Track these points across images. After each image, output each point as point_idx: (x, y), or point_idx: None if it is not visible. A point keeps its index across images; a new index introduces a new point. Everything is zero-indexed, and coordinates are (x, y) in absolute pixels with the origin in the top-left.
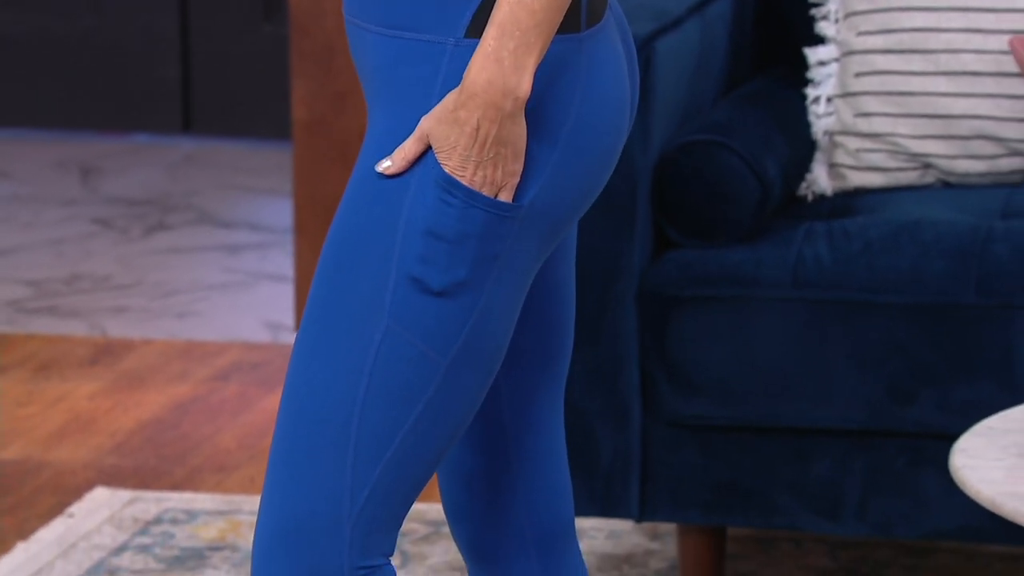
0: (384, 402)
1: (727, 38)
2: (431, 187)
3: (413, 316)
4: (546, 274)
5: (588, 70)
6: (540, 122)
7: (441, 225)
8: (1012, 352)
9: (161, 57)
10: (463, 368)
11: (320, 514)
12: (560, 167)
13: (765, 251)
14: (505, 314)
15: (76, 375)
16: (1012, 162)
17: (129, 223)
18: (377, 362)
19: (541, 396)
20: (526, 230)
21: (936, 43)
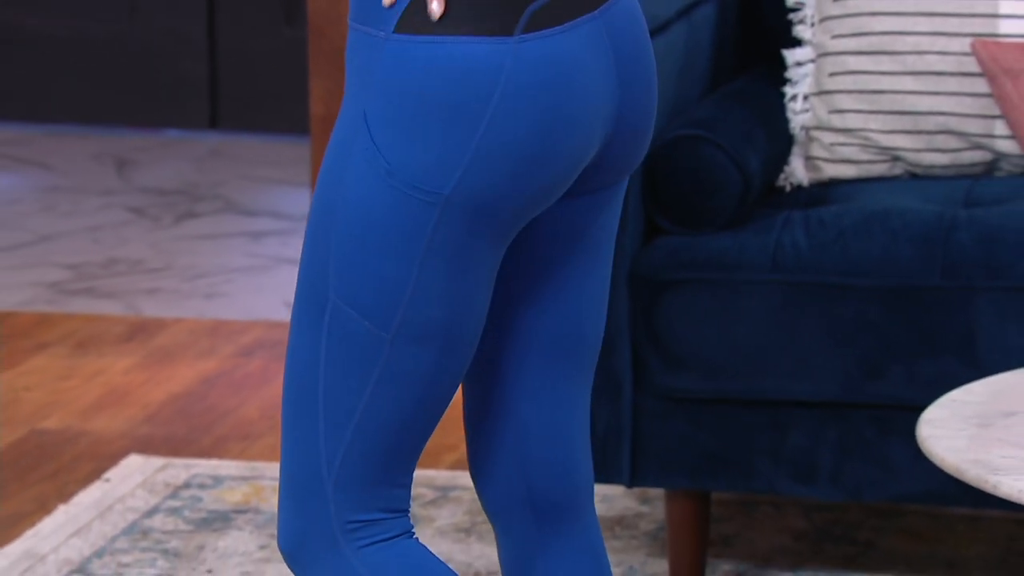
0: (340, 372)
1: (711, 40)
2: (361, 171)
3: (351, 292)
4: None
5: (514, 70)
6: (454, 113)
7: (367, 208)
8: (974, 331)
9: (190, 58)
10: (410, 343)
11: (306, 472)
12: (480, 157)
13: (747, 238)
14: (448, 295)
15: (112, 351)
16: (974, 155)
17: (161, 211)
18: (329, 335)
19: (554, 381)
20: (451, 217)
21: (904, 45)
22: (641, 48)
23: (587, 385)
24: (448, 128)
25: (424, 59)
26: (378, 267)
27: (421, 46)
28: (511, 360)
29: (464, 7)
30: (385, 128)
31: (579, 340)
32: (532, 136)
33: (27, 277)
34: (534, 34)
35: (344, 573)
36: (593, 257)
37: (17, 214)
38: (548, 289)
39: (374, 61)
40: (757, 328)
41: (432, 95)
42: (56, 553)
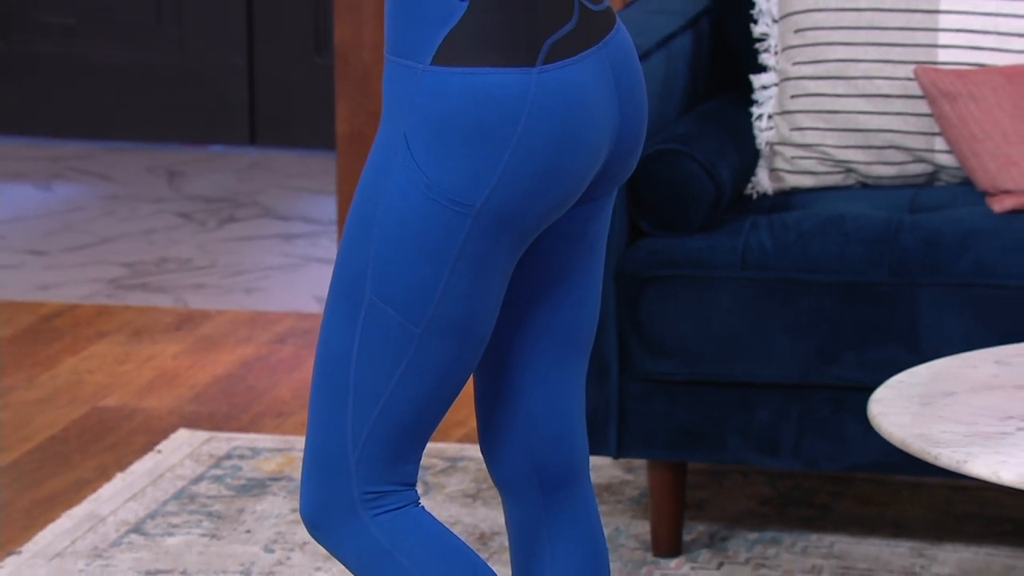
0: (371, 361)
1: (687, 68)
2: (401, 185)
3: (388, 291)
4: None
5: (537, 96)
6: (486, 135)
7: (407, 218)
8: (917, 322)
9: (232, 83)
10: (436, 337)
11: (332, 449)
12: (507, 173)
13: (719, 239)
14: (473, 296)
15: (164, 338)
16: (917, 167)
17: (206, 216)
18: (364, 327)
19: (557, 367)
20: (481, 227)
21: (856, 71)
22: (635, 76)
23: (584, 369)
24: (481, 147)
25: (459, 87)
26: (414, 269)
27: (456, 76)
28: (522, 350)
29: (492, 41)
30: (424, 147)
31: (579, 330)
32: (552, 153)
33: (89, 274)
34: (552, 64)
35: (363, 537)
36: (590, 257)
37: (81, 219)
38: (554, 287)
39: (413, 89)
40: (728, 319)
41: (467, 118)
42: (115, 515)
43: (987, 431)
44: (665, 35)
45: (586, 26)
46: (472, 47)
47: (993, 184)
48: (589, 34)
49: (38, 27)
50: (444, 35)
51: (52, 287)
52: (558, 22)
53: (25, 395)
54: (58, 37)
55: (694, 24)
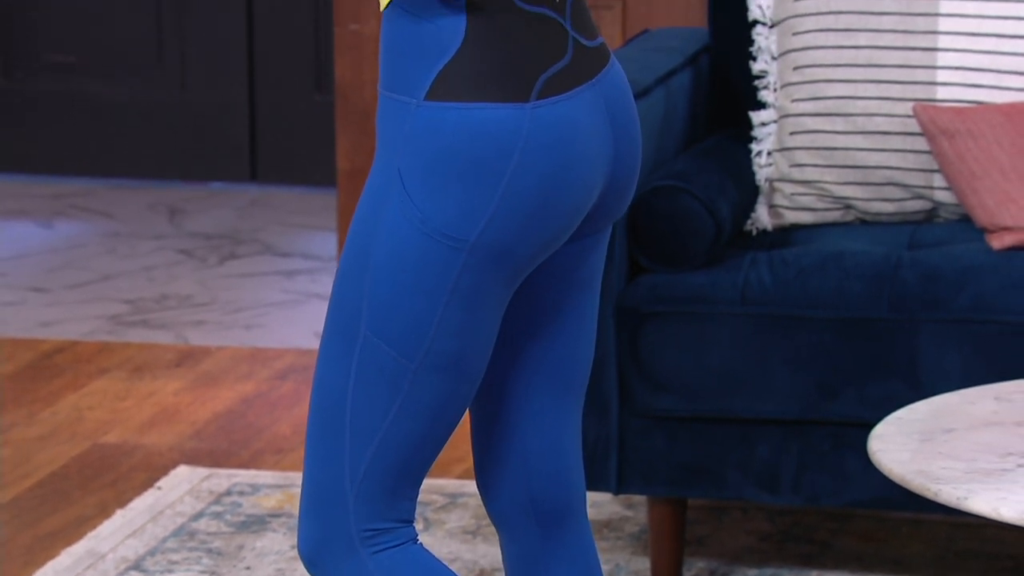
0: (366, 397)
1: (687, 104)
2: (395, 220)
3: (382, 327)
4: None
5: (531, 131)
6: (480, 170)
7: (401, 253)
8: (917, 357)
9: (233, 120)
10: (431, 372)
11: (329, 486)
12: (501, 208)
13: (719, 275)
14: (468, 331)
15: (164, 375)
16: (916, 204)
17: (207, 253)
18: (359, 363)
19: (553, 402)
20: (475, 261)
21: (855, 108)
22: (630, 112)
23: (580, 405)
24: (475, 182)
25: (453, 122)
26: (408, 304)
27: (450, 111)
28: (517, 386)
29: (486, 77)
30: (419, 182)
31: (574, 366)
32: (546, 188)
33: (91, 311)
34: (546, 100)
35: (361, 575)
36: (585, 293)
37: (83, 256)
38: (549, 323)
39: (407, 124)
40: (728, 355)
41: (460, 153)
42: (114, 552)
43: (987, 467)
44: (664, 72)
45: (580, 62)
46: (466, 82)
47: (992, 221)
48: (583, 70)
49: (40, 65)
50: (438, 70)
51: (53, 324)
52: (552, 58)
53: (26, 432)
54: (60, 75)
55: (693, 61)
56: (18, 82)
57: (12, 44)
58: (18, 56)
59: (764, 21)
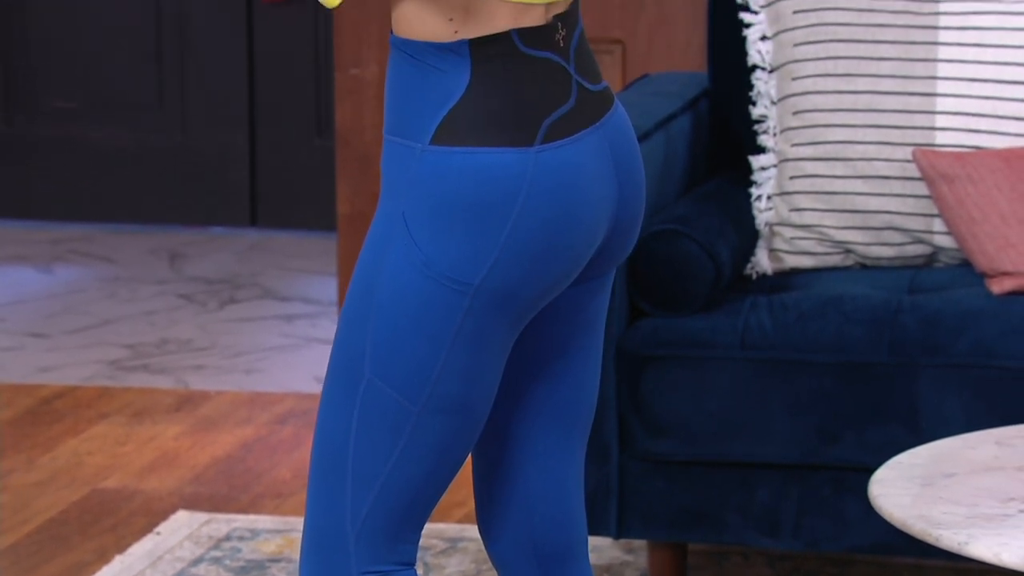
0: (369, 440)
1: (687, 148)
2: (400, 263)
3: (386, 370)
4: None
5: (535, 176)
6: (484, 214)
7: (405, 296)
8: (917, 402)
9: (233, 165)
10: (434, 415)
11: (330, 529)
12: (505, 252)
13: (718, 319)
14: (471, 374)
15: (164, 420)
16: (916, 249)
17: (207, 298)
18: (362, 406)
19: (556, 445)
20: (479, 305)
21: (854, 153)
22: (633, 155)
23: (583, 448)
24: (479, 226)
25: (458, 167)
26: (412, 347)
27: (455, 156)
28: (519, 428)
29: (491, 121)
30: (423, 226)
31: (577, 408)
32: (550, 232)
33: (91, 355)
34: (550, 144)
35: None
36: (589, 336)
37: (83, 301)
38: (552, 365)
39: (412, 168)
40: (727, 399)
41: (465, 198)
42: None
43: (988, 513)
44: (664, 116)
45: (584, 106)
46: (470, 127)
47: (992, 266)
48: (587, 114)
49: (40, 110)
50: (443, 116)
51: (53, 369)
52: (556, 102)
53: (24, 477)
54: (60, 120)
55: (693, 106)
56: (19, 127)
57: (13, 89)
58: (19, 101)
59: (763, 66)
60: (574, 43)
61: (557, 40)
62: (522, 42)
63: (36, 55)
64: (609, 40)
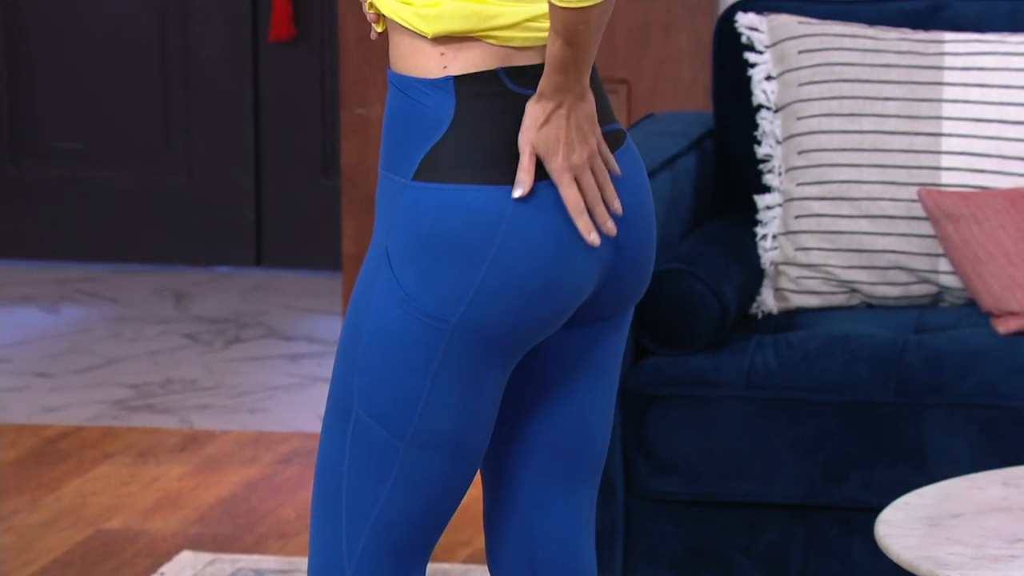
0: (360, 475)
1: (692, 188)
2: (383, 299)
3: (371, 405)
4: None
5: (515, 214)
6: (461, 251)
7: (388, 331)
8: (924, 442)
9: (239, 205)
10: (422, 451)
11: (329, 565)
12: (483, 290)
13: (724, 358)
14: (456, 409)
15: (168, 460)
16: (922, 288)
17: (212, 337)
18: (352, 441)
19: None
20: (459, 342)
21: (860, 192)
22: (640, 197)
23: (592, 492)
24: (456, 264)
25: (436, 204)
26: (395, 382)
27: (435, 192)
28: (519, 468)
29: (473, 158)
30: (403, 262)
31: (583, 452)
32: (532, 275)
33: (95, 395)
34: (536, 183)
35: None
36: (596, 379)
37: (88, 340)
38: (553, 406)
39: (396, 204)
40: (733, 439)
41: (442, 235)
42: None
43: (995, 553)
44: (670, 156)
45: None
46: (451, 164)
47: (997, 305)
48: None
49: (47, 151)
50: (426, 151)
51: (58, 409)
52: None
53: (28, 518)
54: (66, 161)
55: (698, 145)
56: (25, 169)
57: (19, 130)
58: (25, 143)
59: (769, 105)
60: None
61: None
62: (512, 81)
63: (42, 96)
64: (614, 80)
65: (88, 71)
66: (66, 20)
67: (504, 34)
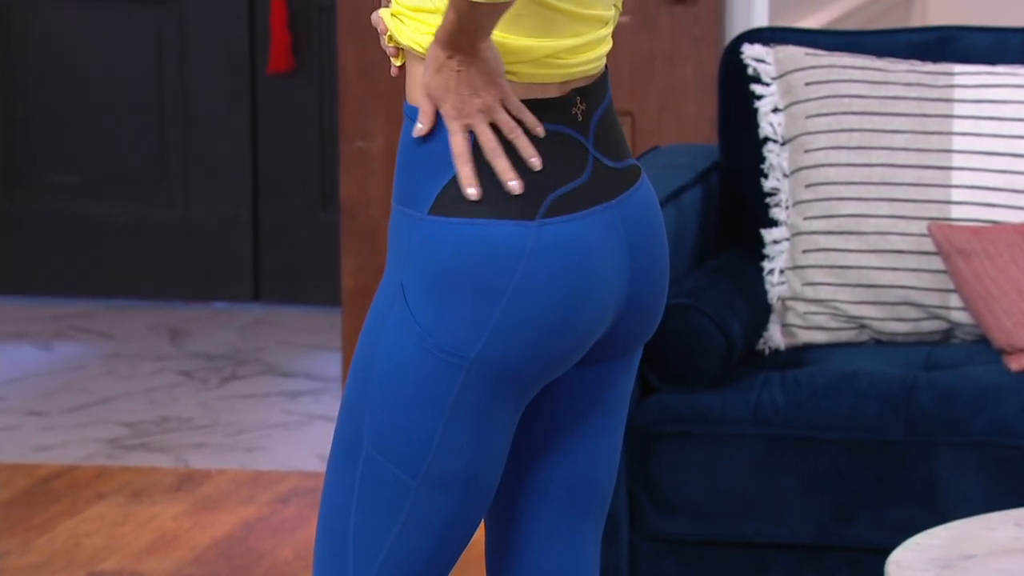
0: (369, 514)
1: (698, 221)
2: (397, 334)
3: (383, 442)
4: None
5: (535, 250)
6: (480, 286)
7: (402, 367)
8: (934, 481)
9: (236, 239)
10: (434, 490)
11: None
12: (501, 326)
13: (730, 395)
14: (471, 449)
15: (163, 499)
16: (932, 324)
17: (208, 374)
18: (362, 479)
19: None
20: (475, 379)
21: (868, 227)
22: (654, 235)
23: (598, 530)
24: (473, 301)
25: (454, 238)
26: (408, 419)
27: (452, 227)
28: (527, 505)
29: (491, 193)
30: (419, 297)
31: (591, 490)
32: (550, 311)
33: (89, 434)
34: (554, 219)
35: None
36: (607, 418)
37: (82, 378)
38: (564, 444)
39: (412, 238)
40: (739, 477)
41: (460, 270)
42: None
43: None
44: (675, 189)
45: (599, 182)
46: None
47: (1009, 342)
48: (602, 190)
49: (41, 185)
50: (443, 185)
51: (51, 448)
52: (566, 176)
53: (20, 560)
54: (61, 194)
55: (703, 178)
56: (18, 202)
57: (13, 164)
58: (19, 176)
59: (775, 138)
60: (596, 118)
61: (574, 114)
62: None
63: (35, 128)
64: (618, 112)
65: (82, 102)
66: (60, 51)
67: (523, 69)
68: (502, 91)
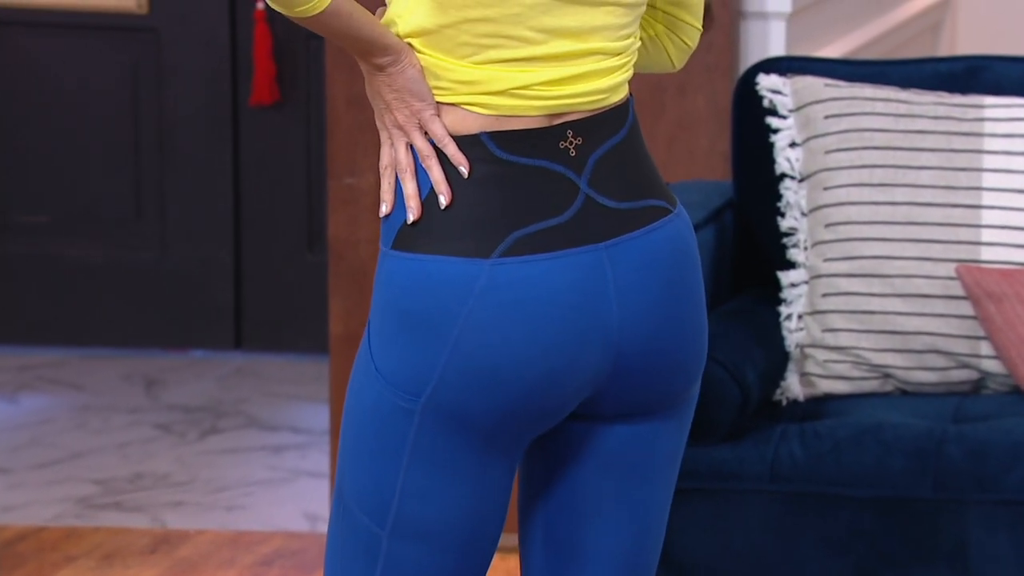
0: (351, 565)
1: (711, 262)
2: (361, 374)
3: (355, 490)
4: (621, 494)
5: (486, 289)
6: (428, 325)
7: (364, 408)
8: (965, 541)
9: (217, 283)
10: (403, 541)
11: None
12: (451, 368)
13: (746, 449)
14: (434, 497)
15: (137, 563)
16: (961, 374)
17: (186, 428)
18: (343, 530)
19: None
20: (430, 422)
21: (892, 269)
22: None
23: None
24: (423, 340)
25: (404, 274)
26: (370, 466)
27: (405, 262)
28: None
29: (450, 228)
30: (377, 336)
31: (632, 562)
32: (499, 355)
33: (57, 493)
34: (515, 258)
35: None
36: (646, 486)
37: (50, 432)
38: (600, 514)
39: (379, 275)
40: (756, 536)
41: (407, 306)
42: None
43: None
44: None
45: (587, 222)
46: (427, 233)
47: None
48: (588, 231)
49: (8, 224)
50: (406, 218)
51: (16, 508)
52: (539, 213)
53: None
54: (30, 235)
55: (717, 217)
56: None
57: None
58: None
59: (793, 175)
60: (596, 154)
61: (563, 148)
62: (499, 147)
63: (3, 165)
64: None
65: (53, 137)
66: (28, 83)
67: (491, 101)
68: (418, 114)
